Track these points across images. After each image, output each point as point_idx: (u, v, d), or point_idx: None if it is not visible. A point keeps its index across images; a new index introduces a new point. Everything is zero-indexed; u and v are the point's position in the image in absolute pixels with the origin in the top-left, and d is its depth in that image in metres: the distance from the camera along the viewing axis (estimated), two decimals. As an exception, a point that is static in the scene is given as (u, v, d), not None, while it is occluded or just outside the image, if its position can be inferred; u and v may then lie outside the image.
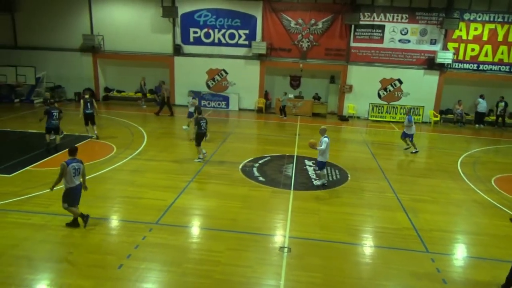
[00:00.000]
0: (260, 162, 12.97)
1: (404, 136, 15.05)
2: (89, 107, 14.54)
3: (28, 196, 9.55)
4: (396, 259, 7.52)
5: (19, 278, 6.47)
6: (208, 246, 7.69)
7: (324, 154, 10.61)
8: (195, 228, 8.55)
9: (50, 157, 12.52)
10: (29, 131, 15.19)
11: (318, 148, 10.54)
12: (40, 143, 13.75)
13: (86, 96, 14.88)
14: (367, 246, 8.00)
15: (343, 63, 21.23)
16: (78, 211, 8.15)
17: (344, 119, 21.20)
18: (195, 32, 21.67)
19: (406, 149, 15.33)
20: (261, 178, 11.45)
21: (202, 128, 12.43)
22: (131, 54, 22.13)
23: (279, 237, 8.16)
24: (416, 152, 15.01)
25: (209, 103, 22.26)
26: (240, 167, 12.38)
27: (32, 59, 22.31)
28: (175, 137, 16.57)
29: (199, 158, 12.72)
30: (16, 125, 15.86)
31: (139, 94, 22.28)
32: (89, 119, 14.68)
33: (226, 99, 22.15)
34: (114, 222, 8.68)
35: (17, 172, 11.07)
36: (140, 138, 15.14)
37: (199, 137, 12.50)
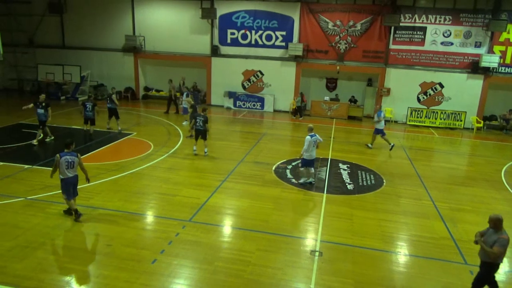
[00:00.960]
0: (294, 164, 12.92)
1: (377, 132, 15.09)
2: (108, 101, 15.77)
3: (71, 189, 10.01)
4: (432, 269, 7.26)
5: (60, 267, 6.82)
6: (239, 245, 7.77)
7: (307, 152, 10.72)
8: (227, 227, 8.65)
9: (92, 152, 13.09)
10: (73, 127, 15.93)
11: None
12: (84, 139, 14.45)
13: (112, 92, 16.21)
14: (402, 254, 7.79)
15: (381, 66, 20.75)
16: (74, 206, 8.45)
17: (381, 123, 20.72)
18: (232, 33, 21.92)
19: (391, 147, 15.20)
20: (294, 180, 11.41)
21: (197, 125, 12.98)
22: (170, 55, 22.71)
23: (311, 241, 8.10)
24: (370, 147, 15.28)
25: (244, 104, 22.43)
26: (273, 168, 12.40)
27: (78, 58, 23.44)
28: (211, 136, 16.78)
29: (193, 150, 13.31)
30: (61, 121, 16.69)
31: (178, 94, 22.77)
32: (112, 113, 15.80)
33: (261, 100, 22.24)
34: (150, 217, 8.95)
35: (61, 166, 11.63)
36: (176, 137, 15.50)
37: (196, 133, 13.12)
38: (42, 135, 14.11)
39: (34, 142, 13.58)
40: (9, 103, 21.14)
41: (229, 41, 22.05)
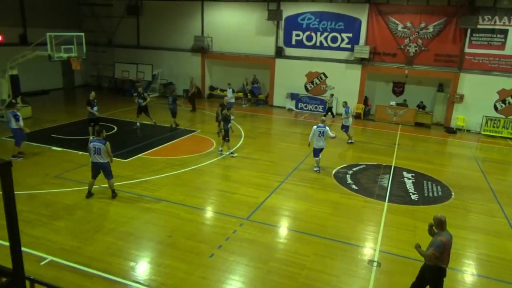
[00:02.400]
0: (354, 169, 12.61)
1: (342, 127, 15.98)
2: (141, 101, 16.15)
3: (139, 180, 10.71)
4: (503, 293, 6.71)
5: (127, 252, 7.32)
6: (294, 248, 7.76)
7: (314, 140, 11.93)
8: (283, 229, 8.69)
9: (159, 147, 13.83)
10: (144, 122, 16.90)
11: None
12: (153, 134, 15.35)
13: (140, 90, 16.61)
14: (468, 274, 7.28)
15: (454, 70, 19.48)
16: (91, 187, 9.55)
17: (451, 131, 19.44)
18: (297, 35, 21.88)
19: (348, 142, 15.87)
20: (354, 186, 11.14)
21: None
22: (235, 55, 23.24)
23: (369, 250, 7.87)
24: (352, 142, 15.81)
25: (306, 106, 22.28)
26: (333, 172, 12.20)
27: (150, 57, 24.87)
28: (272, 137, 16.99)
29: (231, 153, 13.24)
30: (133, 116, 17.76)
31: (241, 94, 23.29)
32: (141, 110, 16.21)
33: (323, 103, 21.93)
34: (209, 213, 9.27)
35: (132, 158, 12.47)
36: (238, 136, 15.82)
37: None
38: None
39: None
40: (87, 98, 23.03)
41: (293, 42, 22.04)
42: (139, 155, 12.84)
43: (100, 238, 7.75)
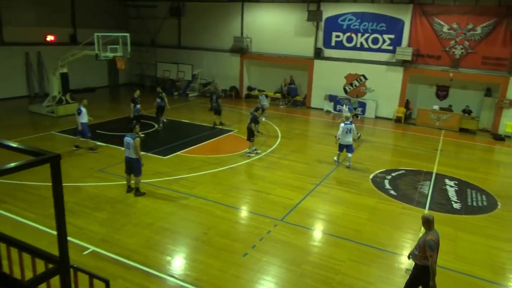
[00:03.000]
0: (393, 174, 12.27)
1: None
2: (159, 100, 15.99)
3: (177, 177, 10.98)
4: (553, 312, 6.29)
5: (163, 247, 7.52)
6: (329, 252, 7.67)
7: (341, 137, 12.35)
8: (318, 232, 8.61)
9: (197, 145, 14.11)
10: (183, 120, 17.32)
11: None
12: (191, 133, 15.66)
13: (159, 90, 16.42)
14: (514, 289, 6.89)
15: (504, 74, 18.45)
16: (128, 182, 9.78)
17: (499, 138, 18.42)
18: (337, 36, 21.57)
19: (358, 139, 15.65)
20: (392, 192, 10.84)
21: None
22: (274, 56, 23.25)
23: (407, 258, 7.61)
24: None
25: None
26: (371, 177, 11.92)
27: (190, 58, 25.41)
28: (309, 139, 16.87)
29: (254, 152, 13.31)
30: (173, 115, 18.27)
31: (278, 95, 23.29)
32: (159, 110, 16.07)
33: (362, 105, 21.47)
34: (244, 212, 9.35)
35: (170, 156, 12.81)
36: (274, 137, 15.83)
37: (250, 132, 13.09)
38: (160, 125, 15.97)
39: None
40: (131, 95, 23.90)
41: (333, 43, 21.75)
42: (177, 152, 13.17)
43: (139, 231, 8.02)
